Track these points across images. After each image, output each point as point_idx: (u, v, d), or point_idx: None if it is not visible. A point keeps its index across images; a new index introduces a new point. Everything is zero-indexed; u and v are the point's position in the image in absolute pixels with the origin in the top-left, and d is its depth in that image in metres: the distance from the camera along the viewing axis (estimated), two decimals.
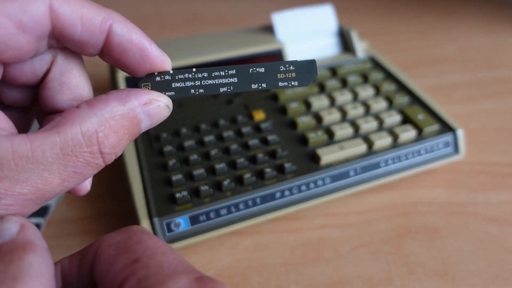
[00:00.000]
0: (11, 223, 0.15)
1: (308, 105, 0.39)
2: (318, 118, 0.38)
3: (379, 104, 0.39)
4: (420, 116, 0.38)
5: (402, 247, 0.32)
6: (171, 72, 0.19)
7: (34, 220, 0.33)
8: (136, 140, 0.35)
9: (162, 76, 0.19)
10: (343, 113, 0.38)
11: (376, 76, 0.43)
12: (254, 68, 0.19)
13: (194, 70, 0.20)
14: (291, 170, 0.33)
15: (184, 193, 0.31)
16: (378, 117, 0.38)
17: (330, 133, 0.36)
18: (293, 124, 0.37)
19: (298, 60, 0.19)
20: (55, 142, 0.16)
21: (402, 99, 0.40)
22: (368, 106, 0.39)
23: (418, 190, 0.37)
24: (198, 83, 0.20)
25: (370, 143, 0.35)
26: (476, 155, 0.41)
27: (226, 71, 0.19)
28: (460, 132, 0.37)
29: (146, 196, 0.31)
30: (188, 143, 0.34)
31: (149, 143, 0.35)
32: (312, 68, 0.19)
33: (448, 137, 0.37)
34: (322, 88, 0.41)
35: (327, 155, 0.34)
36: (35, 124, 0.21)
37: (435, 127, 0.37)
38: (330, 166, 0.34)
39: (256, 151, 0.34)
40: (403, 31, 0.69)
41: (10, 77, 0.18)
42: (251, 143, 0.35)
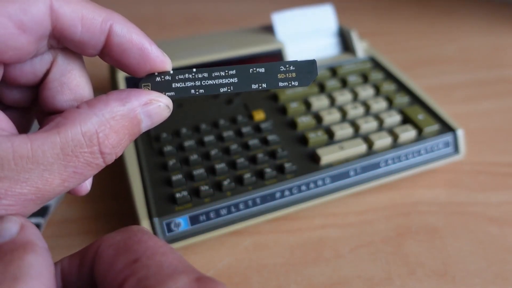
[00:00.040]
0: (11, 223, 0.15)
1: (308, 105, 0.39)
2: (318, 118, 0.38)
3: (379, 104, 0.39)
4: (420, 116, 0.38)
5: (402, 247, 0.32)
6: (171, 72, 0.19)
7: (34, 220, 0.33)
8: (136, 140, 0.35)
9: (162, 77, 0.19)
10: (343, 113, 0.38)
11: (376, 76, 0.43)
12: (254, 68, 0.19)
13: (194, 70, 0.20)
14: (291, 170, 0.33)
15: (184, 193, 0.31)
16: (378, 117, 0.38)
17: (330, 133, 0.36)
18: (293, 124, 0.37)
19: (298, 60, 0.19)
20: (55, 142, 0.16)
21: (402, 99, 0.40)
22: (368, 106, 0.39)
23: (418, 190, 0.37)
24: (198, 83, 0.20)
25: (370, 143, 0.35)
26: (476, 155, 0.41)
27: (226, 71, 0.19)
28: (460, 132, 0.37)
29: (146, 196, 0.31)
30: (188, 143, 0.34)
31: (149, 143, 0.35)
32: (312, 68, 0.19)
33: (448, 137, 0.37)
34: (322, 88, 0.41)
35: (327, 155, 0.34)
36: (35, 125, 0.21)
37: (435, 127, 0.37)
38: (330, 166, 0.34)
39: (256, 151, 0.34)
40: (403, 31, 0.69)
41: (10, 77, 0.18)
42: (251, 143, 0.35)
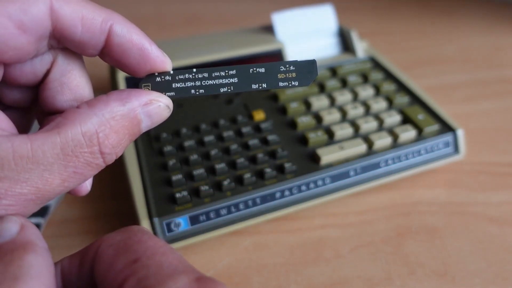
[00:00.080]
0: (11, 223, 0.15)
1: (308, 105, 0.39)
2: (318, 118, 0.38)
3: (379, 104, 0.39)
4: (420, 116, 0.38)
5: (402, 247, 0.32)
6: (172, 72, 0.19)
7: (34, 220, 0.33)
8: (136, 140, 0.35)
9: (163, 77, 0.19)
10: (343, 113, 0.38)
11: (376, 76, 0.43)
12: (255, 68, 0.19)
13: (195, 70, 0.19)
14: (291, 170, 0.33)
15: (184, 193, 0.31)
16: (378, 117, 0.38)
17: (330, 133, 0.36)
18: (293, 124, 0.37)
19: (299, 60, 0.19)
20: (55, 142, 0.16)
21: (402, 99, 0.40)
22: (368, 106, 0.39)
23: (418, 190, 0.37)
24: (198, 83, 0.20)
25: (370, 143, 0.35)
26: (476, 155, 0.41)
27: (227, 71, 0.19)
28: (460, 132, 0.37)
29: (146, 196, 0.31)
30: (188, 143, 0.34)
31: (149, 143, 0.35)
32: (313, 68, 0.19)
33: (448, 137, 0.37)
34: (322, 88, 0.41)
35: (327, 155, 0.34)
36: (35, 125, 0.21)
37: (435, 127, 0.37)
38: (330, 166, 0.34)
39: (256, 151, 0.34)
40: (403, 31, 0.69)
41: (10, 77, 0.18)
42: (251, 143, 0.35)
